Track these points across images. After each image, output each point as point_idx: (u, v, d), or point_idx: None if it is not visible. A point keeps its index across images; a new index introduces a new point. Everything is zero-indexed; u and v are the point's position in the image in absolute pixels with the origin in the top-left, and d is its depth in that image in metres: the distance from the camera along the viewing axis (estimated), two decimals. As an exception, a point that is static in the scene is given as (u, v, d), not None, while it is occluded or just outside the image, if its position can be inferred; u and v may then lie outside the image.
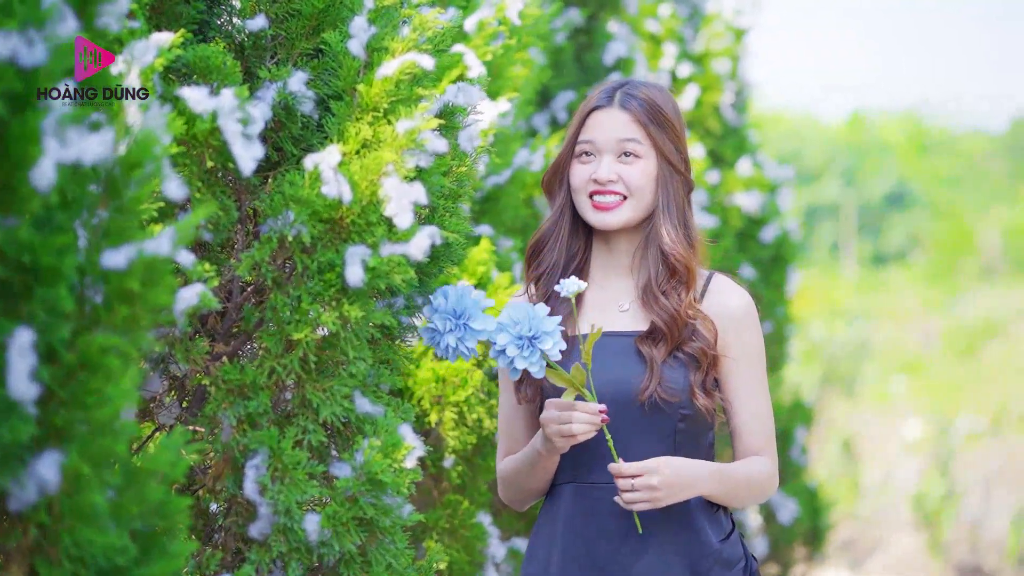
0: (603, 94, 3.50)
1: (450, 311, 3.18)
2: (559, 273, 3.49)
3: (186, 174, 2.88)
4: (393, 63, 3.03)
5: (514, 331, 3.14)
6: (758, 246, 8.35)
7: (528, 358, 3.14)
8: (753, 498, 3.47)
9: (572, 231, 3.51)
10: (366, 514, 2.99)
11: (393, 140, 3.01)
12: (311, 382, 3.02)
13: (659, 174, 3.44)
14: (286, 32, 3.17)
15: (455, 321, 3.17)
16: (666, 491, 3.26)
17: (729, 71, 8.37)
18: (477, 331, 3.18)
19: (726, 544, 3.39)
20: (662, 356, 3.35)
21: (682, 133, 3.49)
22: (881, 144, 36.17)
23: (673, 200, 3.45)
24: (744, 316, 3.44)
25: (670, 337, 3.37)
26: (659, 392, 3.33)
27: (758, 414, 3.44)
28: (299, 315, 2.97)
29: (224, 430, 2.98)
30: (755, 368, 3.45)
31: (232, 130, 2.82)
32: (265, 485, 2.95)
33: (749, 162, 8.29)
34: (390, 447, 3.00)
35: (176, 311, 2.80)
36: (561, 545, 3.41)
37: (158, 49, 2.81)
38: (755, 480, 3.42)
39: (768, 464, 3.43)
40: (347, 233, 2.99)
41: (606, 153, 3.44)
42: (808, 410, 8.73)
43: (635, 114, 3.45)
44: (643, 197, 3.43)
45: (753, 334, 3.45)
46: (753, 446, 3.44)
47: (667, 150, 3.44)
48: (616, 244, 3.50)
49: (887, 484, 13.44)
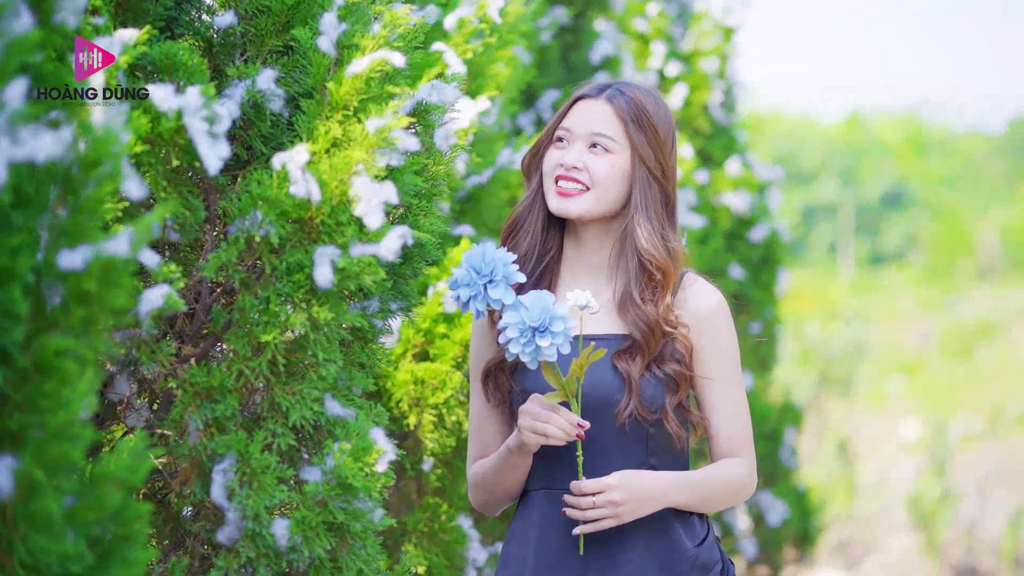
0: (594, 86, 3.48)
1: (477, 266, 3.12)
2: (531, 264, 3.45)
3: (151, 173, 2.83)
4: (363, 60, 2.98)
5: (524, 316, 3.09)
6: (747, 246, 8.30)
7: (525, 347, 3.09)
8: (730, 501, 3.44)
9: (546, 219, 3.48)
10: (336, 519, 2.94)
11: (363, 139, 2.96)
12: (280, 385, 2.97)
13: (634, 174, 3.39)
14: (256, 29, 3.13)
15: (477, 277, 3.12)
16: (629, 506, 3.25)
17: (718, 70, 8.31)
18: (492, 298, 3.12)
19: (701, 549, 3.35)
20: (639, 371, 3.32)
21: (667, 144, 3.43)
22: (879, 144, 36.14)
23: (651, 204, 3.39)
24: (716, 316, 3.40)
25: (647, 349, 3.33)
26: (638, 409, 3.30)
27: (732, 415, 3.39)
28: (267, 317, 2.92)
29: (191, 434, 2.93)
30: (728, 368, 3.40)
31: (198, 128, 2.77)
32: (233, 490, 2.90)
33: (738, 162, 8.25)
34: (361, 451, 2.95)
35: (141, 312, 2.75)
36: (535, 551, 3.37)
37: (123, 46, 2.76)
38: (731, 484, 3.38)
39: (744, 466, 3.39)
40: (316, 233, 2.94)
41: (578, 141, 3.41)
42: (798, 411, 8.67)
43: (617, 110, 3.40)
44: (606, 192, 3.38)
45: (725, 334, 3.40)
46: (728, 447, 3.39)
47: (645, 153, 3.39)
48: (585, 241, 3.46)
49: (883, 485, 13.39)
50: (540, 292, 3.11)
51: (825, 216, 32.44)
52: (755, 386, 8.03)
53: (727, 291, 7.76)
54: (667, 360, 3.34)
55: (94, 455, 2.78)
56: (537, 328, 3.08)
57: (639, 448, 3.33)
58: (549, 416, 3.21)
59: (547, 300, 3.09)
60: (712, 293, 3.43)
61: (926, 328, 22.51)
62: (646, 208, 3.39)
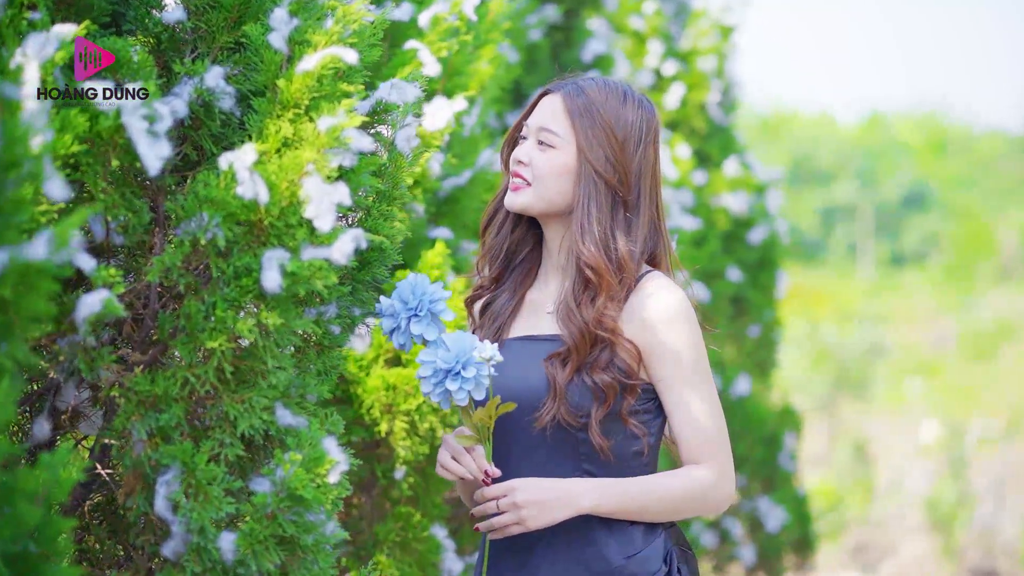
0: (560, 81, 3.40)
1: (405, 298, 3.11)
2: (500, 259, 3.42)
3: (90, 174, 2.73)
4: (314, 57, 2.88)
5: (439, 356, 3.06)
6: (745, 248, 8.20)
7: (435, 388, 3.09)
8: (688, 511, 3.28)
9: (516, 216, 3.42)
10: (286, 532, 2.83)
11: (315, 138, 2.85)
12: (229, 393, 2.86)
13: (579, 172, 3.29)
14: (207, 25, 3.02)
15: (402, 308, 3.11)
16: (532, 509, 3.16)
17: (715, 69, 8.21)
18: (414, 332, 3.11)
19: (632, 561, 3.22)
20: (567, 377, 3.22)
21: (627, 143, 3.31)
22: (898, 144, 35.96)
23: (594, 204, 3.27)
24: (668, 316, 3.26)
25: (576, 355, 3.23)
26: (563, 415, 3.21)
27: (692, 420, 3.25)
28: (214, 323, 2.81)
29: (135, 444, 2.83)
30: (685, 371, 3.26)
31: (137, 127, 2.67)
32: (178, 502, 2.79)
33: (736, 162, 8.13)
34: (313, 461, 2.85)
35: (78, 318, 2.65)
36: (488, 560, 3.31)
37: (59, 42, 2.66)
38: (686, 492, 3.24)
39: (704, 475, 3.24)
40: (266, 236, 2.83)
41: (531, 136, 3.35)
42: (797, 415, 8.55)
43: (567, 104, 3.32)
44: (546, 187, 3.30)
45: (679, 334, 3.26)
46: (690, 454, 3.26)
47: (591, 151, 3.28)
48: (547, 240, 3.40)
49: (900, 487, 13.31)
50: (462, 334, 3.08)
51: (844, 217, 32.28)
52: (753, 390, 7.93)
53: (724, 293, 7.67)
54: (600, 368, 3.23)
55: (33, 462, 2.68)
56: (449, 371, 3.05)
57: (570, 452, 3.24)
58: (461, 457, 3.19)
59: (467, 343, 3.06)
60: (668, 293, 3.28)
61: (945, 330, 22.38)
62: (587, 207, 3.28)
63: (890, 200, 33.01)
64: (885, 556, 11.99)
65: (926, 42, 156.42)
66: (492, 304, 3.43)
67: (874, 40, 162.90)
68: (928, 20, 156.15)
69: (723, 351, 7.70)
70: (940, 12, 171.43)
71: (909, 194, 33.47)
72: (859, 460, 13.58)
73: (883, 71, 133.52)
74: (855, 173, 33.64)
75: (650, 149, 3.35)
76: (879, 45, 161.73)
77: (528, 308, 3.39)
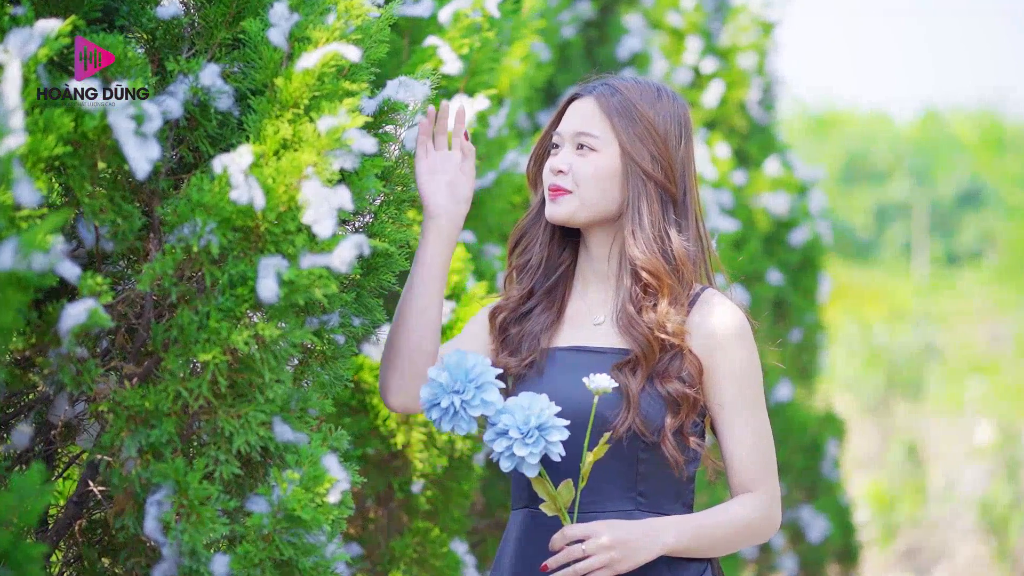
0: (587, 84, 3.23)
1: (462, 374, 2.84)
2: (539, 275, 3.23)
3: (76, 177, 2.59)
4: (314, 54, 2.73)
5: (520, 417, 2.83)
6: (786, 250, 8.03)
7: (531, 446, 2.84)
8: (743, 544, 3.13)
9: (554, 229, 3.25)
10: (283, 554, 2.69)
11: (315, 139, 2.71)
12: (224, 408, 2.72)
13: (625, 173, 3.13)
14: (204, 20, 2.88)
15: (465, 384, 2.84)
16: (622, 550, 2.95)
17: (756, 66, 8.04)
18: (487, 402, 2.85)
19: None
20: (639, 385, 3.05)
21: (669, 137, 3.16)
22: (954, 141, 35.57)
23: (644, 205, 3.12)
24: (731, 335, 3.10)
25: (646, 363, 3.06)
26: (637, 427, 3.03)
27: (748, 443, 3.09)
28: (207, 334, 2.67)
29: (126, 462, 2.69)
30: (743, 392, 3.10)
31: (124, 128, 2.53)
32: (169, 523, 2.65)
33: (777, 161, 7.96)
34: (312, 480, 2.70)
35: (62, 329, 2.52)
36: (511, 569, 3.12)
37: (43, 38, 2.52)
38: (742, 526, 3.08)
39: (759, 503, 3.09)
40: (263, 243, 2.69)
41: (567, 143, 3.18)
42: (840, 421, 8.37)
43: (602, 105, 3.16)
44: (592, 193, 3.13)
45: (741, 354, 3.11)
46: (742, 480, 3.10)
47: (636, 152, 3.12)
48: (591, 248, 3.23)
49: (953, 490, 13.15)
50: (528, 394, 2.88)
51: (898, 216, 31.94)
52: (795, 395, 7.77)
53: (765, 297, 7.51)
54: (671, 377, 3.07)
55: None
56: (539, 426, 2.85)
57: (627, 473, 3.06)
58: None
59: (534, 397, 2.87)
60: (730, 311, 3.13)
61: (1001, 329, 22.11)
62: (638, 209, 3.12)
63: (945, 198, 32.64)
64: (938, 559, 11.90)
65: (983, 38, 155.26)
66: (526, 319, 3.25)
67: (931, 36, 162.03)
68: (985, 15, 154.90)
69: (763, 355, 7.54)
70: (997, 7, 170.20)
71: (964, 192, 33.09)
72: (912, 462, 13.43)
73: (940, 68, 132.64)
74: (910, 171, 33.28)
75: (689, 145, 3.22)
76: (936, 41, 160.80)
77: (571, 320, 3.22)
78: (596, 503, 3.06)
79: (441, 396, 2.83)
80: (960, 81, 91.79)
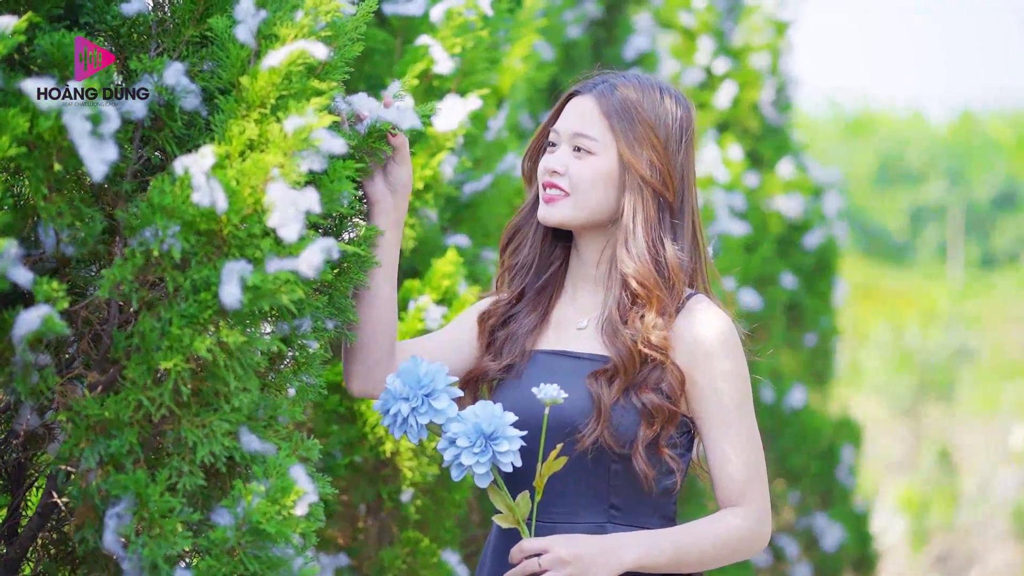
0: (588, 81, 3.15)
1: (413, 381, 2.82)
2: (530, 276, 3.15)
3: (32, 179, 2.51)
4: (280, 52, 2.64)
5: (470, 425, 2.79)
6: (800, 253, 7.93)
7: (479, 455, 2.79)
8: (728, 559, 3.01)
9: (546, 228, 3.16)
10: (248, 569, 2.60)
11: (281, 140, 2.62)
12: (188, 417, 2.63)
13: (622, 178, 3.03)
14: (172, 17, 2.80)
15: (415, 392, 2.82)
16: (578, 566, 2.86)
17: (770, 66, 7.93)
18: (436, 410, 2.82)
19: None
20: (612, 397, 2.95)
21: (670, 141, 3.06)
22: (990, 143, 35.31)
23: (640, 212, 3.02)
24: (715, 343, 3.00)
25: (624, 375, 2.97)
26: (605, 439, 2.94)
27: (734, 456, 2.99)
28: (169, 341, 2.58)
29: (86, 473, 2.60)
30: (728, 403, 3.00)
31: (79, 128, 2.45)
32: (129, 536, 2.56)
33: (791, 163, 7.84)
34: (278, 491, 2.61)
35: (15, 337, 2.44)
36: None
37: (-3, 35, 2.44)
38: (727, 539, 2.98)
39: (742, 518, 2.99)
40: (228, 247, 2.60)
41: (564, 143, 3.08)
42: (856, 427, 8.27)
43: (602, 105, 3.06)
44: (586, 197, 3.04)
45: (725, 363, 3.00)
46: (728, 494, 3.00)
47: (634, 157, 3.02)
48: (582, 252, 3.14)
49: (987, 494, 13.05)
50: (485, 404, 2.83)
51: (934, 218, 31.73)
52: (810, 401, 7.67)
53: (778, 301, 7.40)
54: (648, 388, 2.97)
55: None
56: (490, 436, 2.80)
57: (600, 485, 2.97)
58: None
59: (491, 408, 2.82)
60: (716, 319, 3.03)
61: (1036, 333, 21.99)
62: (633, 216, 3.02)
63: (981, 200, 32.40)
64: (970, 565, 11.85)
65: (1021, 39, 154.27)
66: (512, 321, 3.16)
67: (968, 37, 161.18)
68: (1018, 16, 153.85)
69: (777, 360, 7.43)
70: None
71: (1000, 194, 32.83)
72: (944, 466, 13.33)
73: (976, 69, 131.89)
74: (945, 172, 33.06)
75: (690, 148, 3.12)
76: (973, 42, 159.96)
77: (556, 324, 3.14)
78: (569, 515, 2.97)
79: (392, 403, 2.84)
80: (996, 82, 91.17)
